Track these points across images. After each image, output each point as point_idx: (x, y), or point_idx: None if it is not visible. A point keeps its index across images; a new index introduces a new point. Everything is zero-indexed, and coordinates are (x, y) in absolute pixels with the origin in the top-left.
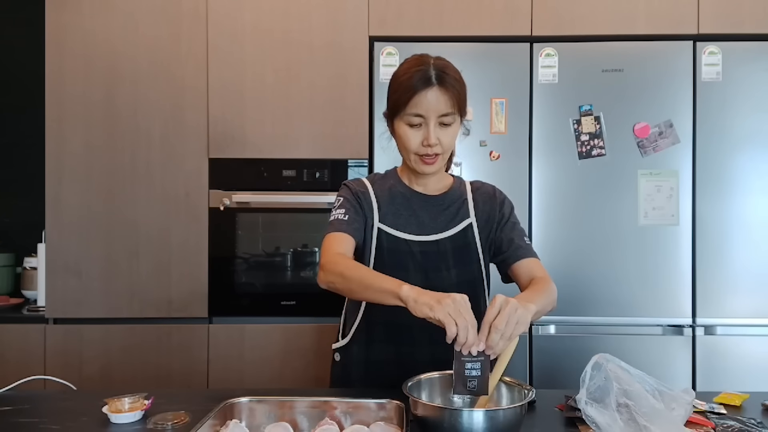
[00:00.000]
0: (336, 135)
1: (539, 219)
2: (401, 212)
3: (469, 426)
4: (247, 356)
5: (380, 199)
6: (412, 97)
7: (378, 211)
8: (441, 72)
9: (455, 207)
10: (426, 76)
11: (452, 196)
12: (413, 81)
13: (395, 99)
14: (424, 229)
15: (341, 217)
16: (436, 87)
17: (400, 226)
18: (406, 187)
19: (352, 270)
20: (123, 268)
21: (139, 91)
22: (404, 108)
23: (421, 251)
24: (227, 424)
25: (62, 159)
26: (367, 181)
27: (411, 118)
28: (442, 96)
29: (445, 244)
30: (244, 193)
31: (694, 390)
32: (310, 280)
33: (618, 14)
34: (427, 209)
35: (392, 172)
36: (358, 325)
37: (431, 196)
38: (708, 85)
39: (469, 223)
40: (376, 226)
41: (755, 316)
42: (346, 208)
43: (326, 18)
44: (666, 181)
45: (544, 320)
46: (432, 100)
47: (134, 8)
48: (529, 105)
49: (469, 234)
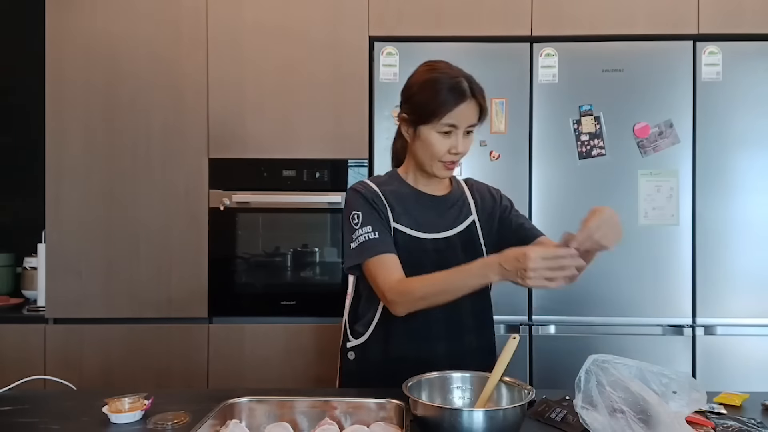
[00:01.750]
0: (336, 135)
1: (539, 219)
2: (412, 212)
3: (469, 426)
4: (247, 356)
5: (390, 200)
6: (451, 109)
7: (392, 212)
8: (472, 84)
9: (458, 206)
10: (461, 88)
11: (455, 195)
12: (452, 93)
13: (430, 108)
14: (435, 227)
15: (372, 236)
16: (470, 99)
17: (413, 225)
18: (411, 188)
19: (429, 287)
20: (123, 268)
21: (139, 91)
22: (439, 118)
23: (434, 249)
24: (227, 424)
25: (62, 159)
26: (373, 184)
27: (444, 127)
28: (474, 108)
29: (455, 240)
30: (244, 193)
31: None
32: (310, 280)
33: (618, 14)
34: (434, 208)
35: (394, 175)
36: (377, 324)
37: (437, 196)
38: (708, 85)
39: (473, 219)
40: (392, 226)
41: (755, 316)
42: (372, 225)
43: (326, 18)
44: (666, 181)
45: (544, 320)
46: (467, 112)
47: (134, 8)
48: (529, 105)
49: (473, 230)
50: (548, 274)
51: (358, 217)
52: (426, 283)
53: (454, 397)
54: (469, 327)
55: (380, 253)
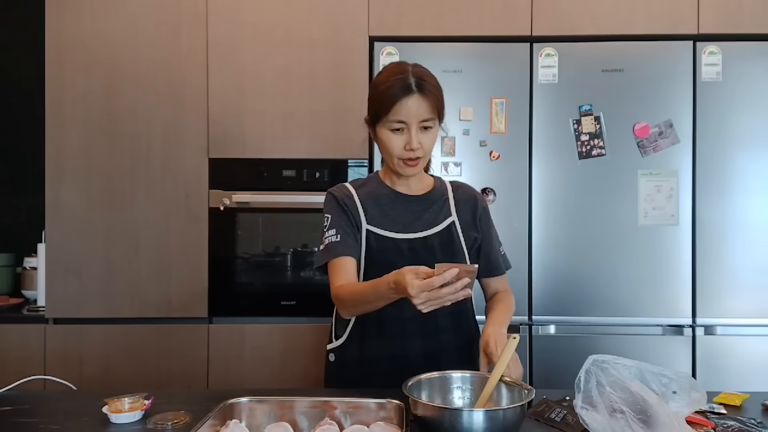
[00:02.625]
0: (336, 135)
1: (539, 219)
2: (387, 212)
3: (469, 426)
4: (247, 356)
5: (365, 202)
6: (394, 105)
7: (365, 214)
8: (420, 79)
9: (438, 206)
10: (406, 83)
11: (434, 195)
12: (394, 89)
13: (376, 107)
14: (410, 227)
15: (334, 239)
16: (416, 94)
17: (387, 225)
18: (389, 189)
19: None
20: (123, 268)
21: (139, 91)
22: (386, 115)
23: (409, 248)
24: (227, 424)
25: (62, 159)
26: (350, 186)
27: (393, 124)
28: (423, 102)
29: (432, 240)
30: (244, 193)
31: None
32: (310, 280)
33: (618, 14)
34: (411, 208)
35: (374, 177)
36: (353, 325)
37: (414, 196)
38: (708, 85)
39: (452, 221)
40: (364, 228)
41: (755, 316)
42: (336, 227)
43: (326, 18)
44: (666, 181)
45: (544, 320)
46: (413, 106)
47: (134, 8)
48: (529, 105)
49: (453, 231)
50: (435, 304)
51: (327, 220)
52: (353, 291)
53: (454, 397)
54: (446, 327)
55: (337, 256)
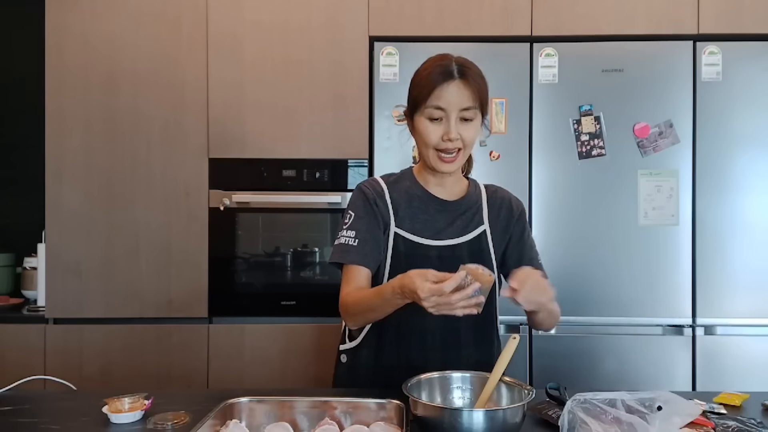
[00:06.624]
0: (336, 135)
1: (539, 219)
2: (418, 216)
3: (469, 426)
4: (247, 356)
5: (396, 202)
6: (434, 90)
7: (395, 216)
8: (462, 66)
9: (470, 213)
10: (448, 69)
11: (468, 201)
12: (434, 75)
13: (416, 94)
14: (440, 234)
15: (351, 243)
16: (457, 80)
17: (417, 230)
18: (422, 190)
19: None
20: (123, 268)
21: (139, 91)
22: (425, 101)
23: (438, 256)
24: (227, 424)
25: (62, 159)
26: (383, 183)
27: (432, 111)
28: (464, 90)
29: (461, 249)
30: (244, 193)
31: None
32: (310, 280)
33: (618, 14)
34: (443, 214)
35: (408, 173)
36: (369, 328)
37: (448, 201)
38: (708, 85)
39: (483, 230)
40: (392, 230)
41: (755, 316)
42: (356, 230)
43: (326, 18)
44: (666, 181)
45: None
46: (454, 92)
47: (134, 8)
48: (529, 105)
49: (483, 241)
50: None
51: (350, 217)
52: (357, 300)
53: (454, 397)
54: (468, 341)
55: (351, 263)
